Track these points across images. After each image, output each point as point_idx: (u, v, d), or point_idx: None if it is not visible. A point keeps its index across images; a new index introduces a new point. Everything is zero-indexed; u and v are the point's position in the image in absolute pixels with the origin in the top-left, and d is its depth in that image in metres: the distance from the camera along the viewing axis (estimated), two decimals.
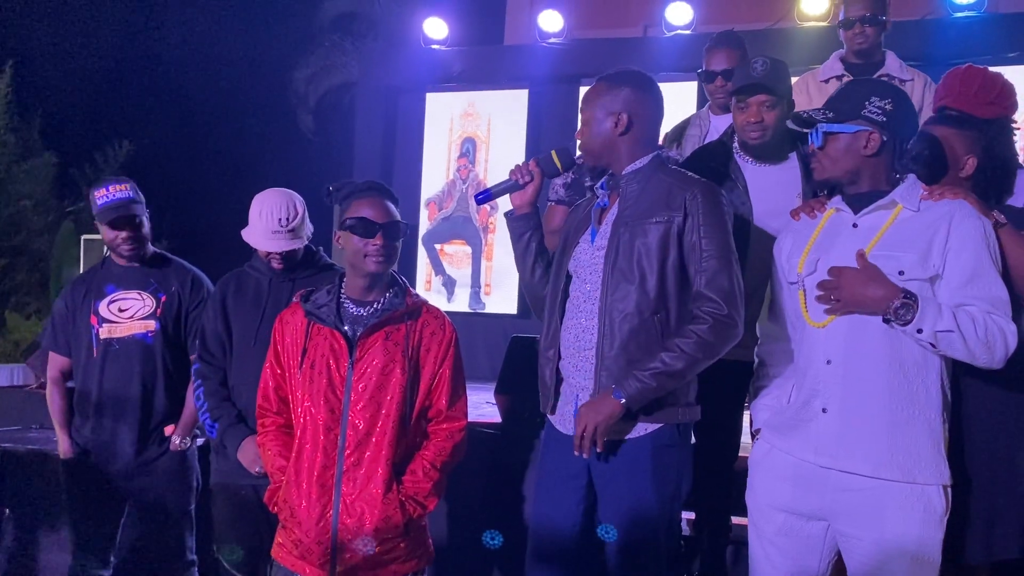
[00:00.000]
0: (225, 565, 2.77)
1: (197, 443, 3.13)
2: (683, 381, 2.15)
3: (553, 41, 7.19)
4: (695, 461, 2.27)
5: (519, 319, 6.85)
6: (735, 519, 2.82)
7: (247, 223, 2.79)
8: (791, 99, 2.66)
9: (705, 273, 2.13)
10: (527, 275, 2.44)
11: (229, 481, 2.77)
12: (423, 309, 2.31)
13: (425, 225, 7.62)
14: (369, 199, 2.25)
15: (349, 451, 2.20)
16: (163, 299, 3.04)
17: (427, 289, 7.55)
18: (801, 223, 2.18)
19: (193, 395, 2.85)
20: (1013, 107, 2.47)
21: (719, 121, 3.17)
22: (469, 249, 7.56)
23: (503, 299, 7.25)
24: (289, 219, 2.71)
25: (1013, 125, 2.44)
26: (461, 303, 7.50)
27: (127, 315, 3.02)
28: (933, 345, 1.90)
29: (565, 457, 2.25)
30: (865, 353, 1.96)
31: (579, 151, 2.36)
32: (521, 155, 7.38)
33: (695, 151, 2.84)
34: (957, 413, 2.08)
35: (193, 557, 3.09)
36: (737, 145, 2.72)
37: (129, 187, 3.00)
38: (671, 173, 2.26)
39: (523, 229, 2.40)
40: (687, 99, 5.90)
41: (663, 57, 6.56)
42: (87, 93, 11.67)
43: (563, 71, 7.09)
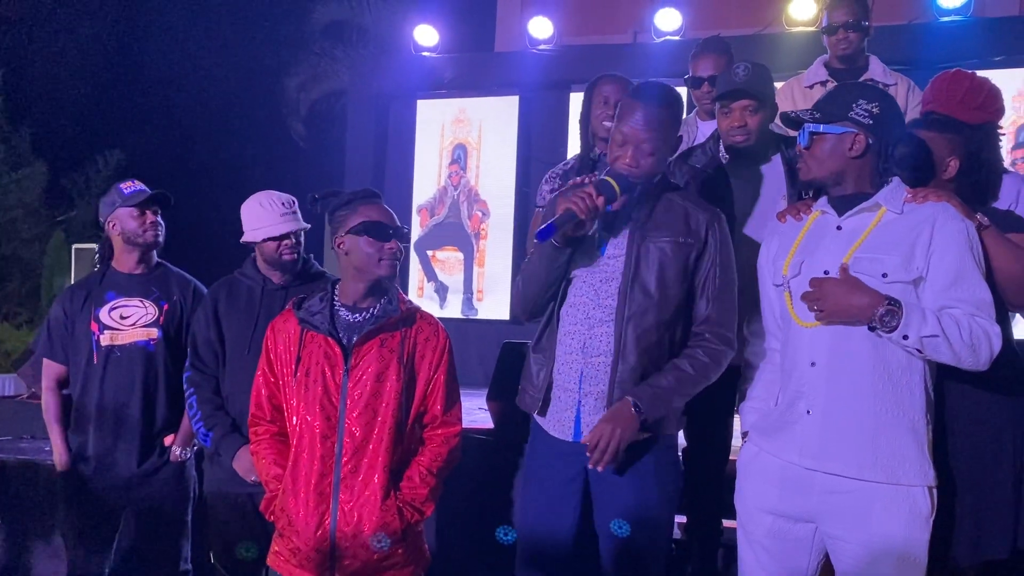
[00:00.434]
0: (221, 572, 2.77)
1: (193, 451, 3.12)
2: (687, 399, 2.25)
3: (543, 48, 7.23)
4: (687, 465, 2.30)
5: (512, 325, 6.85)
6: (726, 522, 2.83)
7: (241, 230, 2.81)
8: (774, 103, 2.68)
9: (715, 302, 2.23)
10: (542, 293, 2.29)
11: (224, 490, 2.77)
12: (417, 315, 2.33)
13: (417, 231, 7.63)
14: (376, 205, 2.28)
15: (346, 459, 2.21)
16: (165, 307, 3.01)
17: (419, 295, 7.55)
18: (787, 225, 2.20)
19: (186, 404, 2.82)
20: (999, 112, 2.49)
21: (706, 127, 3.19)
22: (461, 255, 7.57)
23: (495, 305, 7.26)
24: (289, 203, 2.80)
25: (999, 131, 2.46)
26: (453, 309, 7.50)
27: (129, 322, 2.98)
28: (919, 351, 1.91)
29: (559, 461, 2.26)
30: (849, 355, 1.97)
31: (627, 171, 2.19)
32: (512, 161, 7.41)
33: (680, 154, 2.86)
34: (941, 414, 2.09)
35: (188, 566, 3.07)
36: (722, 149, 2.74)
37: None
38: (683, 194, 2.30)
39: (563, 256, 2.23)
40: None
41: (653, 63, 6.60)
42: (78, 103, 11.66)
43: (553, 77, 7.13)
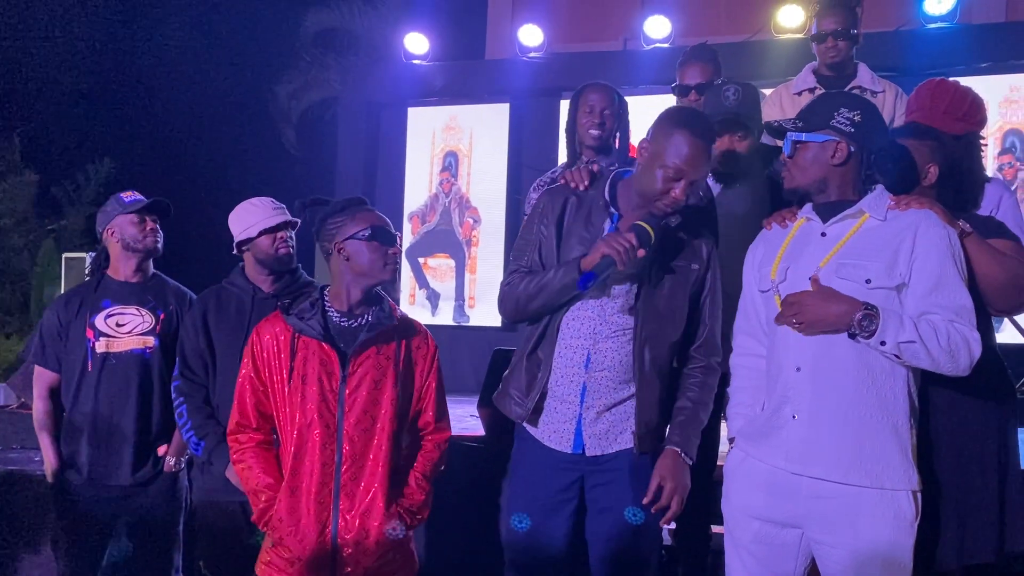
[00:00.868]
0: None
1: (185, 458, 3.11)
2: None
3: (533, 55, 7.26)
4: None
5: (503, 332, 6.86)
6: (714, 528, 2.84)
7: (231, 237, 2.83)
8: (761, 124, 2.58)
9: (711, 324, 2.32)
10: (542, 315, 2.30)
11: (214, 499, 2.76)
12: (408, 324, 2.35)
13: (408, 239, 7.64)
14: (374, 211, 2.29)
15: (346, 466, 2.20)
16: (162, 316, 3.00)
17: (411, 303, 7.56)
18: (773, 232, 2.22)
19: (175, 413, 2.81)
20: (982, 122, 2.50)
21: None
22: (452, 262, 7.58)
23: (487, 312, 7.27)
24: (278, 202, 2.84)
25: (980, 141, 2.48)
26: (445, 316, 7.51)
27: (125, 330, 2.97)
28: (898, 356, 1.93)
29: (554, 472, 2.28)
30: (834, 360, 1.99)
31: (671, 205, 2.19)
32: (503, 168, 7.43)
33: None
34: (925, 419, 2.11)
35: None
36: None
37: None
38: (682, 215, 2.30)
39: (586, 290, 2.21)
40: None
41: (642, 70, 6.64)
42: (68, 111, 11.63)
43: (544, 84, 7.17)
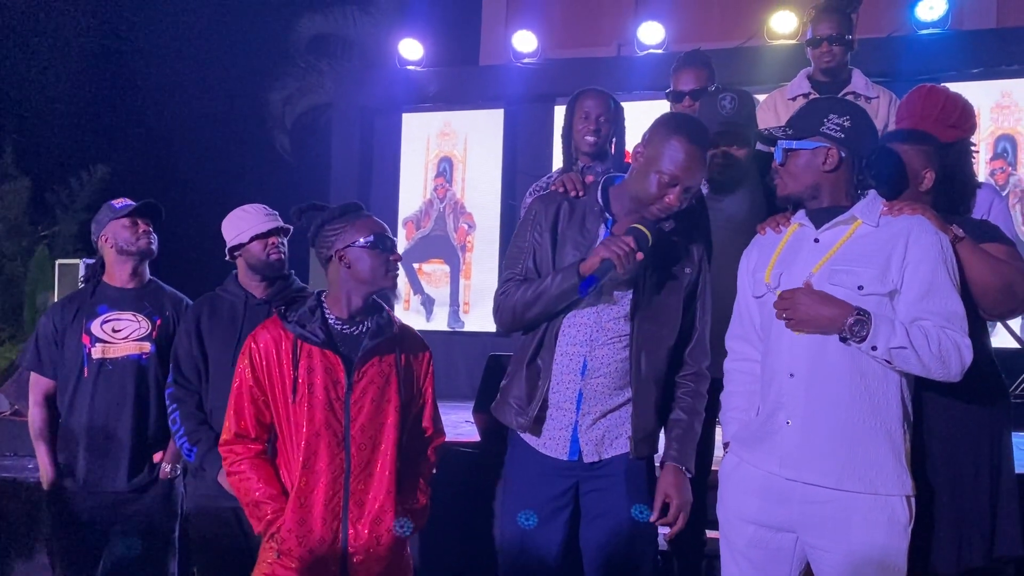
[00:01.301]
0: None
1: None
2: None
3: (527, 61, 7.27)
4: None
5: (498, 338, 6.85)
6: (709, 533, 2.84)
7: (224, 242, 2.83)
8: (756, 131, 2.58)
9: (700, 331, 2.33)
10: (539, 321, 2.29)
11: (208, 505, 2.76)
12: (405, 330, 2.36)
13: (403, 244, 7.63)
14: (373, 218, 2.29)
15: (355, 474, 2.20)
16: (159, 322, 2.99)
17: (406, 308, 7.55)
18: (766, 237, 2.22)
19: (169, 420, 2.81)
20: (972, 128, 2.52)
21: None
22: (447, 268, 7.58)
23: (482, 317, 7.26)
24: (271, 209, 2.85)
25: (972, 146, 2.50)
26: (440, 322, 7.50)
27: (122, 335, 2.96)
28: (888, 362, 1.94)
29: (549, 479, 2.29)
30: (827, 366, 2.00)
31: (665, 211, 2.20)
32: (498, 174, 7.43)
33: None
34: (919, 424, 2.12)
35: None
36: None
37: None
38: (675, 220, 2.31)
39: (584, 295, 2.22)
40: None
41: (636, 76, 6.66)
42: (61, 117, 11.61)
43: (538, 90, 7.17)
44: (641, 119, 2.40)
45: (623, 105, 3.15)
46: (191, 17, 12.37)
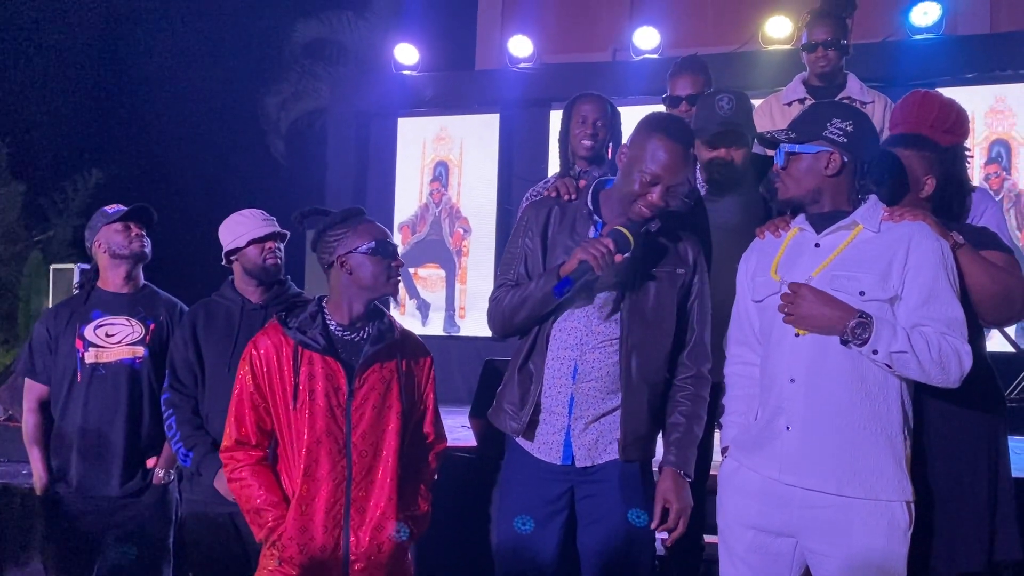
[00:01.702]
0: None
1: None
2: None
3: (523, 66, 7.28)
4: None
5: (493, 342, 6.84)
6: (707, 538, 2.84)
7: (220, 247, 2.82)
8: (754, 133, 2.63)
9: (699, 330, 2.31)
10: (531, 324, 2.30)
11: (203, 510, 2.75)
12: (406, 336, 2.35)
13: (399, 249, 7.61)
14: (375, 224, 2.28)
15: (356, 481, 2.19)
16: (152, 327, 2.98)
17: (401, 313, 7.54)
18: (766, 242, 2.22)
19: (165, 425, 2.80)
20: (966, 134, 2.54)
21: None
22: (443, 272, 7.58)
23: (478, 322, 7.26)
24: (268, 214, 2.84)
25: (967, 151, 2.50)
26: (436, 327, 7.50)
27: (115, 340, 2.95)
28: (889, 366, 1.94)
29: (544, 483, 2.28)
30: (828, 371, 2.00)
31: (651, 214, 2.19)
32: (494, 178, 7.43)
33: None
34: (918, 430, 2.11)
35: None
36: (699, 177, 2.75)
37: None
38: (669, 219, 2.31)
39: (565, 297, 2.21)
40: None
41: (631, 81, 6.68)
42: (56, 121, 11.58)
43: (533, 95, 7.18)
44: (636, 124, 2.40)
45: (619, 110, 3.15)
46: (187, 22, 12.38)
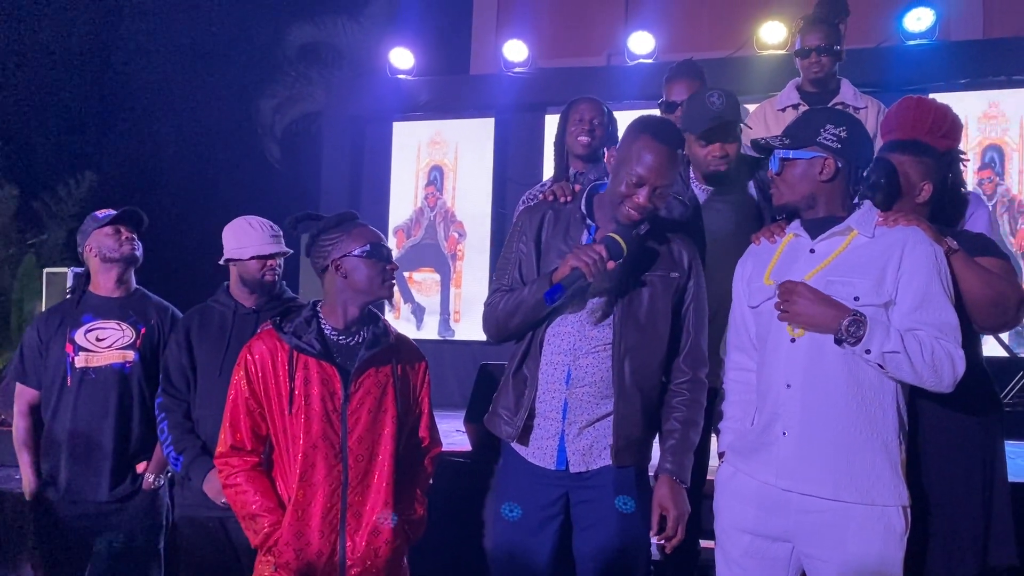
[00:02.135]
0: None
1: (167, 475, 3.07)
2: None
3: (518, 70, 7.29)
4: None
5: (488, 346, 6.84)
6: (703, 543, 2.83)
7: (219, 251, 2.81)
8: (753, 140, 2.67)
9: (694, 334, 2.30)
10: (524, 329, 2.29)
11: (194, 514, 2.74)
12: (401, 341, 2.34)
13: (394, 253, 7.58)
14: (369, 227, 2.28)
15: (352, 485, 2.19)
16: (143, 331, 2.98)
17: (396, 317, 7.53)
18: (761, 247, 2.23)
19: (157, 429, 2.79)
20: (959, 139, 2.55)
21: None
22: (438, 276, 7.58)
23: (472, 326, 7.25)
24: (276, 228, 2.81)
25: (962, 156, 2.51)
26: (430, 331, 7.49)
27: (105, 344, 2.94)
28: (881, 366, 1.94)
29: (538, 489, 2.28)
30: (824, 377, 2.00)
31: (639, 216, 2.18)
32: (488, 182, 7.43)
33: None
34: (914, 436, 2.11)
35: None
36: (692, 175, 2.76)
37: None
38: (662, 224, 2.32)
39: (557, 304, 2.21)
40: None
41: (626, 85, 6.69)
42: (49, 124, 11.55)
43: (528, 99, 7.20)
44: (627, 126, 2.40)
45: (615, 115, 3.15)
46: (181, 25, 12.34)
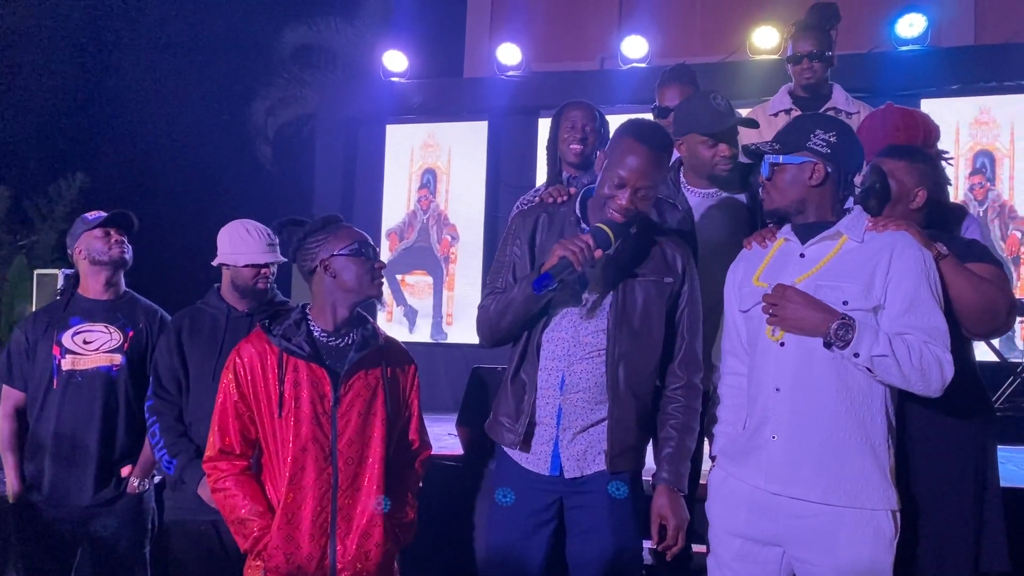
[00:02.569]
0: None
1: (154, 482, 3.06)
2: None
3: (512, 74, 7.30)
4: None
5: (481, 349, 6.83)
6: (695, 547, 2.84)
7: (212, 253, 2.80)
8: (744, 146, 2.67)
9: (689, 339, 2.30)
10: (516, 329, 2.29)
11: (186, 518, 2.73)
12: (390, 343, 2.34)
13: (386, 256, 7.61)
14: (353, 228, 2.27)
15: (342, 489, 2.18)
16: (131, 334, 2.96)
17: (388, 320, 7.52)
18: (752, 252, 2.23)
19: (148, 432, 2.78)
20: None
21: None
22: (430, 279, 7.57)
23: (465, 329, 7.25)
24: (273, 236, 2.80)
25: (944, 156, 2.52)
26: (423, 334, 7.48)
27: (92, 347, 2.93)
28: (870, 370, 1.95)
29: (532, 494, 2.27)
30: (813, 381, 2.00)
31: (623, 218, 2.17)
32: (482, 186, 7.43)
33: None
34: (903, 440, 2.12)
35: None
36: (684, 178, 2.76)
37: None
38: (656, 228, 2.32)
39: (545, 298, 2.21)
40: None
41: (619, 89, 6.70)
42: (40, 125, 11.50)
43: (522, 103, 7.20)
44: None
45: (607, 119, 3.16)
46: (173, 25, 12.32)
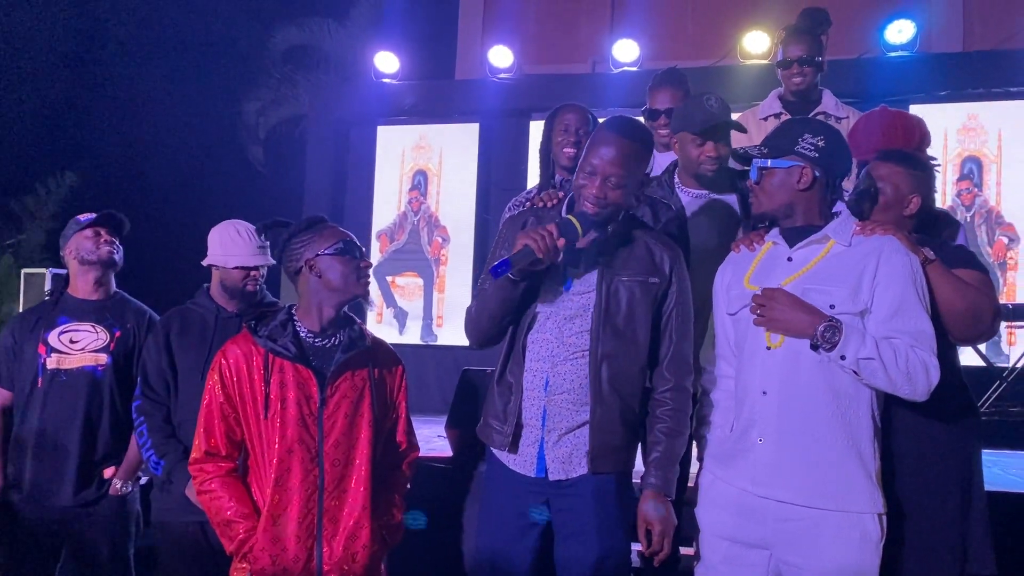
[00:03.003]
0: None
1: (140, 483, 3.04)
2: None
3: (503, 76, 7.30)
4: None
5: (471, 351, 6.83)
6: (683, 549, 2.84)
7: (203, 253, 2.80)
8: (732, 149, 2.65)
9: (677, 341, 2.27)
10: (495, 326, 2.29)
11: (173, 519, 2.72)
12: (377, 344, 2.33)
13: (377, 257, 7.60)
14: (339, 228, 2.27)
15: (329, 490, 2.17)
16: (118, 334, 2.96)
17: (378, 321, 7.51)
18: (741, 255, 2.24)
19: (135, 432, 2.77)
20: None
21: (662, 158, 3.22)
22: (421, 281, 7.56)
23: (455, 331, 7.23)
24: (263, 238, 2.80)
25: (935, 163, 2.54)
26: (413, 335, 7.47)
27: (78, 346, 2.92)
28: (856, 373, 1.96)
29: (520, 496, 2.27)
30: (799, 384, 2.01)
31: (595, 208, 2.16)
32: (472, 188, 7.43)
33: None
34: (888, 444, 2.13)
35: None
36: (677, 179, 2.77)
37: None
38: (645, 229, 2.32)
39: (517, 291, 2.21)
40: None
41: (610, 92, 6.71)
42: (28, 122, 11.44)
43: (513, 105, 7.20)
44: None
45: (599, 122, 3.16)
46: (164, 24, 12.28)
